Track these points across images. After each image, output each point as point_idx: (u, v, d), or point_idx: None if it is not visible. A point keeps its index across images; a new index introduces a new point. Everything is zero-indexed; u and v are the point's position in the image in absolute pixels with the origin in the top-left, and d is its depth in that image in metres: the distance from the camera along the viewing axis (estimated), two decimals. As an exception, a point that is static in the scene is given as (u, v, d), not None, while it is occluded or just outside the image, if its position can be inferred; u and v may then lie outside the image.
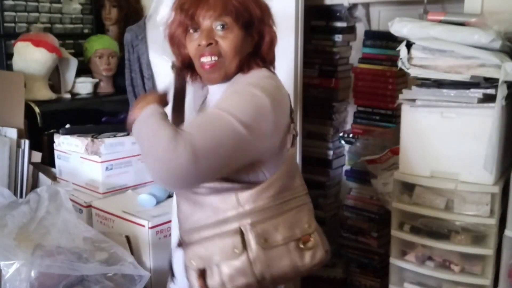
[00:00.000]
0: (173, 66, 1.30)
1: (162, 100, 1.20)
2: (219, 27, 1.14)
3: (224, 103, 1.09)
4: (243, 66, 1.19)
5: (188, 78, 1.30)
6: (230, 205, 1.13)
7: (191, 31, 1.17)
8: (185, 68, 1.27)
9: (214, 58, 1.15)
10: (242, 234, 1.12)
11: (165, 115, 1.09)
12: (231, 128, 1.04)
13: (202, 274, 1.15)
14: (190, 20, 1.15)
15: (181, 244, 1.23)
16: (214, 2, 1.13)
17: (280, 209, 1.16)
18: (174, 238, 1.47)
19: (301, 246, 1.16)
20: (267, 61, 1.24)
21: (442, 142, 1.68)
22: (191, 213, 1.18)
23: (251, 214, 1.12)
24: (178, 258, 1.31)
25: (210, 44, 1.14)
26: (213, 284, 1.14)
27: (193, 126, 1.05)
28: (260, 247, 1.12)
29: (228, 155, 1.05)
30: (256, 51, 1.21)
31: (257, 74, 1.18)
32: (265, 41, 1.21)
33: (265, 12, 1.21)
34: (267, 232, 1.13)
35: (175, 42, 1.23)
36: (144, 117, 1.07)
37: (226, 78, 1.19)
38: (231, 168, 1.10)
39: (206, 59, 1.16)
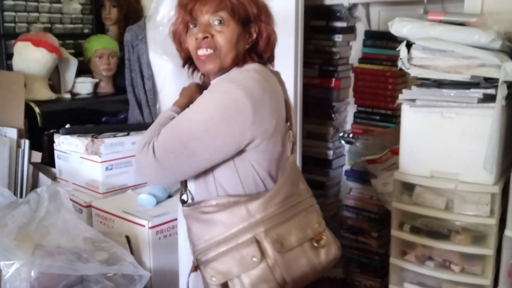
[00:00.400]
0: None
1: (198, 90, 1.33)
2: (216, 22, 1.19)
3: (197, 103, 1.17)
4: (239, 61, 1.22)
5: (189, 73, 1.35)
6: (240, 217, 1.16)
7: (191, 26, 1.23)
8: (187, 63, 1.33)
9: (210, 50, 1.19)
10: (258, 242, 1.15)
11: (171, 119, 1.21)
12: (197, 129, 1.13)
13: None
14: (189, 15, 1.20)
15: (197, 267, 1.24)
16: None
17: (289, 214, 1.19)
18: (185, 263, 1.47)
19: (315, 245, 1.20)
20: (264, 58, 1.26)
21: (442, 142, 1.68)
22: (203, 233, 1.20)
23: (263, 222, 1.16)
24: (196, 281, 1.31)
25: (206, 37, 1.19)
26: None
27: (164, 129, 1.17)
28: (277, 252, 1.15)
29: (195, 154, 1.14)
30: (253, 48, 1.24)
31: (243, 69, 1.21)
32: (262, 38, 1.24)
33: (262, 10, 1.24)
34: (281, 237, 1.16)
35: (177, 38, 1.29)
36: (159, 116, 1.27)
37: (222, 70, 1.22)
38: (206, 163, 1.17)
39: (202, 52, 1.20)
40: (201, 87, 1.33)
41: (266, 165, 1.19)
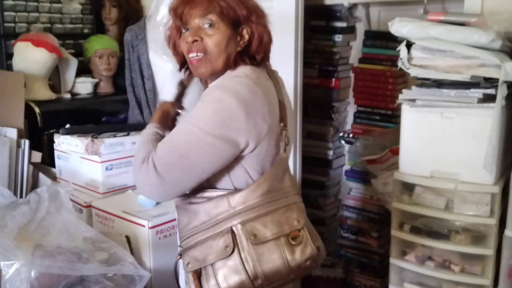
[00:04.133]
0: (180, 84, 1.44)
1: (174, 107, 1.38)
2: (206, 25, 1.20)
3: (192, 113, 1.18)
4: (230, 64, 1.23)
5: (185, 77, 1.37)
6: (223, 208, 1.19)
7: (183, 31, 1.24)
8: (183, 67, 1.34)
9: (200, 54, 1.20)
10: (233, 233, 1.17)
11: (155, 135, 1.25)
12: (195, 139, 1.14)
13: (198, 276, 1.19)
14: (180, 20, 1.22)
15: (181, 255, 1.26)
16: (200, 1, 1.19)
17: (269, 208, 1.19)
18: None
19: (291, 241, 1.19)
20: (258, 60, 1.26)
21: (442, 142, 1.68)
22: (188, 221, 1.23)
23: (241, 214, 1.18)
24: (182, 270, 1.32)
25: (195, 40, 1.20)
26: (209, 285, 1.18)
27: (161, 144, 1.19)
28: (250, 243, 1.16)
29: (196, 165, 1.15)
30: (246, 50, 1.24)
31: (234, 74, 1.22)
32: (254, 39, 1.24)
33: (253, 11, 1.23)
34: (256, 229, 1.17)
35: (172, 43, 1.31)
36: (141, 135, 1.28)
37: (214, 73, 1.23)
38: (206, 174, 1.18)
39: (192, 55, 1.22)
40: (173, 103, 1.40)
41: (259, 168, 1.21)
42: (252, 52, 1.25)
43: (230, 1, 1.20)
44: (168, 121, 1.37)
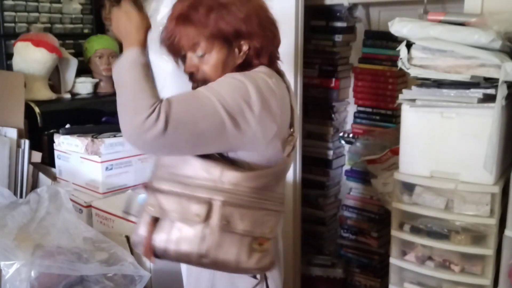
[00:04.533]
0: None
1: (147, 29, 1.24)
2: (199, 54, 1.17)
3: (214, 84, 1.11)
4: None
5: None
6: (212, 175, 1.12)
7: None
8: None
9: (200, 83, 1.17)
10: (210, 206, 1.11)
11: (147, 66, 1.14)
12: (214, 111, 1.06)
13: (154, 223, 1.14)
14: (174, 54, 1.23)
15: (146, 187, 1.19)
16: (184, 32, 1.16)
17: (254, 204, 1.15)
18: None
19: (254, 245, 1.16)
20: (264, 63, 1.21)
21: (442, 142, 1.68)
22: (171, 164, 1.17)
23: (227, 193, 1.12)
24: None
25: (191, 72, 1.19)
26: (159, 238, 1.14)
27: (177, 98, 1.07)
28: (218, 226, 1.11)
29: (202, 135, 1.07)
30: (249, 59, 1.20)
31: (256, 70, 1.18)
32: (252, 48, 1.19)
33: (240, 25, 1.16)
34: (232, 216, 1.12)
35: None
36: (127, 64, 1.13)
37: None
38: (203, 150, 1.11)
39: (194, 85, 1.20)
40: None
41: (263, 161, 1.17)
42: (254, 60, 1.20)
43: (215, 21, 1.14)
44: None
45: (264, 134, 1.13)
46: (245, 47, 1.18)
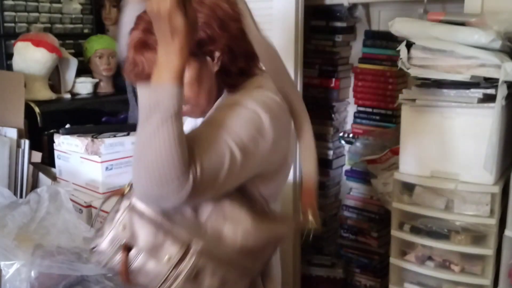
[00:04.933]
0: None
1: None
2: None
3: (228, 121, 0.96)
4: (215, 93, 1.10)
5: None
6: (199, 216, 1.00)
7: None
8: None
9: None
10: (187, 250, 0.97)
11: (181, 113, 0.88)
12: (230, 152, 0.92)
13: (127, 250, 0.99)
14: (146, 81, 0.94)
15: (123, 195, 1.06)
16: (148, 60, 1.02)
17: (232, 261, 1.02)
18: None
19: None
20: (247, 69, 1.10)
21: (442, 142, 1.68)
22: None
23: (208, 240, 0.99)
24: None
25: None
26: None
27: (201, 146, 0.90)
28: (186, 276, 0.97)
29: (224, 180, 0.93)
30: (226, 65, 1.07)
31: (251, 85, 1.08)
32: (223, 55, 1.06)
33: (198, 36, 1.00)
34: (203, 269, 0.98)
35: None
36: (158, 115, 0.87)
37: (207, 110, 1.09)
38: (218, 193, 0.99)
39: None
40: None
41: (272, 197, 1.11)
42: (231, 65, 1.07)
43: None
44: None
45: (277, 151, 1.06)
46: (217, 53, 1.05)
